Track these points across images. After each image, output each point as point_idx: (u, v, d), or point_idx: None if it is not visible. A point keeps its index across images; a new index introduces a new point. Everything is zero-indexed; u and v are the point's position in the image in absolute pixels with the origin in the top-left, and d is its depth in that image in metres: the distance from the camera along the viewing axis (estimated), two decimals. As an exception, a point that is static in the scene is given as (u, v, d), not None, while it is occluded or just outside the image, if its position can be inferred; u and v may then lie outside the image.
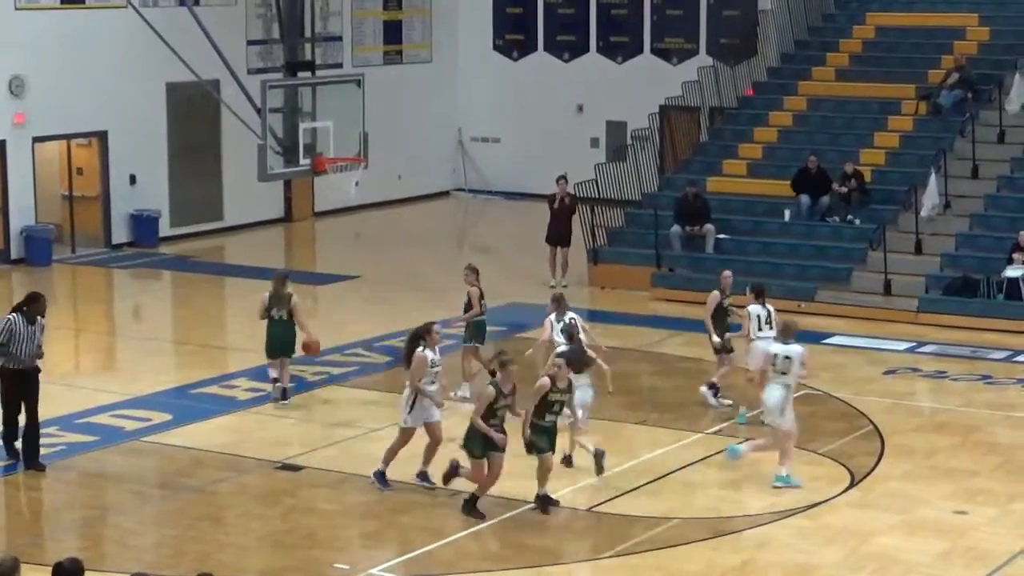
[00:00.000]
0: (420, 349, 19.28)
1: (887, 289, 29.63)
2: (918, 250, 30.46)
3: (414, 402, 19.25)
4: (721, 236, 31.82)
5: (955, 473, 20.00)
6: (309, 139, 26.43)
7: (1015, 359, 26.18)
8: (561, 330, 21.38)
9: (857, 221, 31.42)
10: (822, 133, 34.07)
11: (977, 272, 29.14)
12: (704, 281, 30.75)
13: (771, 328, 21.66)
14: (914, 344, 27.15)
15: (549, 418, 18.35)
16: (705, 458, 20.54)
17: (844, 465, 20.28)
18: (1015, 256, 28.71)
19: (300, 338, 23.29)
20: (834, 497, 19.08)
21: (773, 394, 19.32)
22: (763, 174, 33.39)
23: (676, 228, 31.85)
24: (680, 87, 37.95)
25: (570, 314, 21.70)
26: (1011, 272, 28.57)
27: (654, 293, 31.12)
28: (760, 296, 22.33)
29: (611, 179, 35.51)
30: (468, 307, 23.91)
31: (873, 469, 20.23)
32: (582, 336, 20.97)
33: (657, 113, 38.24)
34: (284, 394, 23.16)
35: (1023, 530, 17.85)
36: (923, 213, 30.69)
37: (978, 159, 32.16)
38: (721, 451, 20.39)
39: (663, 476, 19.87)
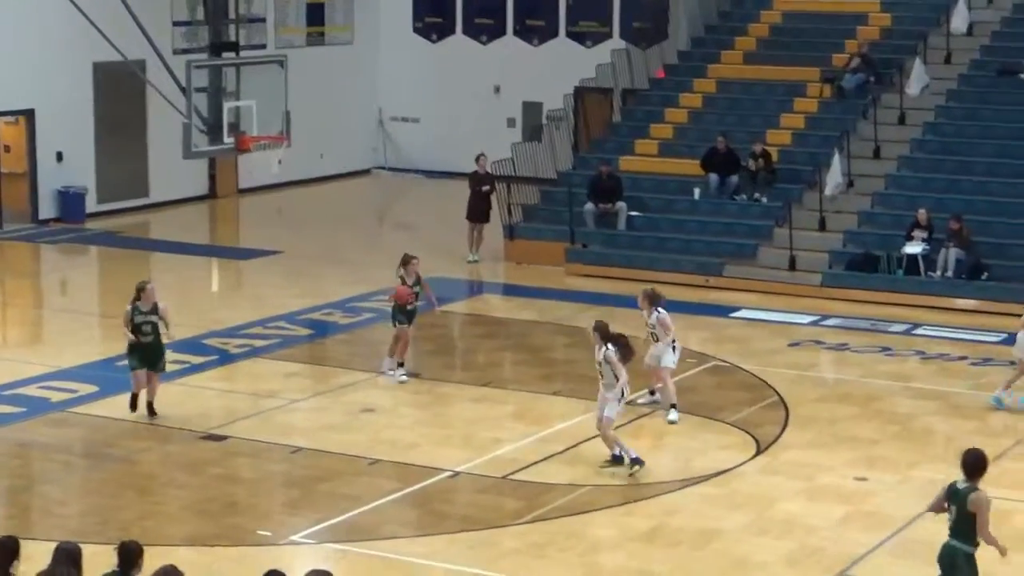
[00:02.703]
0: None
1: (792, 265, 29.79)
2: (822, 227, 30.63)
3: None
4: (633, 213, 31.89)
5: (856, 441, 20.16)
6: (233, 118, 26.27)
7: (914, 332, 26.40)
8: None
9: (764, 199, 31.57)
10: (731, 114, 34.18)
11: (878, 248, 29.34)
12: (616, 257, 30.98)
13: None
14: (818, 317, 27.32)
15: None
16: (617, 427, 20.56)
17: (750, 434, 20.40)
18: (914, 233, 28.94)
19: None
20: (741, 465, 19.20)
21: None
22: (674, 154, 33.47)
23: (589, 205, 31.88)
24: (594, 69, 37.98)
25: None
26: (910, 248, 28.80)
27: (568, 268, 31.14)
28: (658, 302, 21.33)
29: (527, 158, 35.54)
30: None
31: (778, 438, 20.36)
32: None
33: (572, 94, 38.26)
34: (150, 409, 20.69)
35: (921, 495, 17.92)
36: (827, 192, 30.87)
37: (880, 140, 32.37)
38: (632, 420, 20.46)
39: (576, 445, 19.90)
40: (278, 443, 19.80)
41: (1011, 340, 25.59)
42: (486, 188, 32.37)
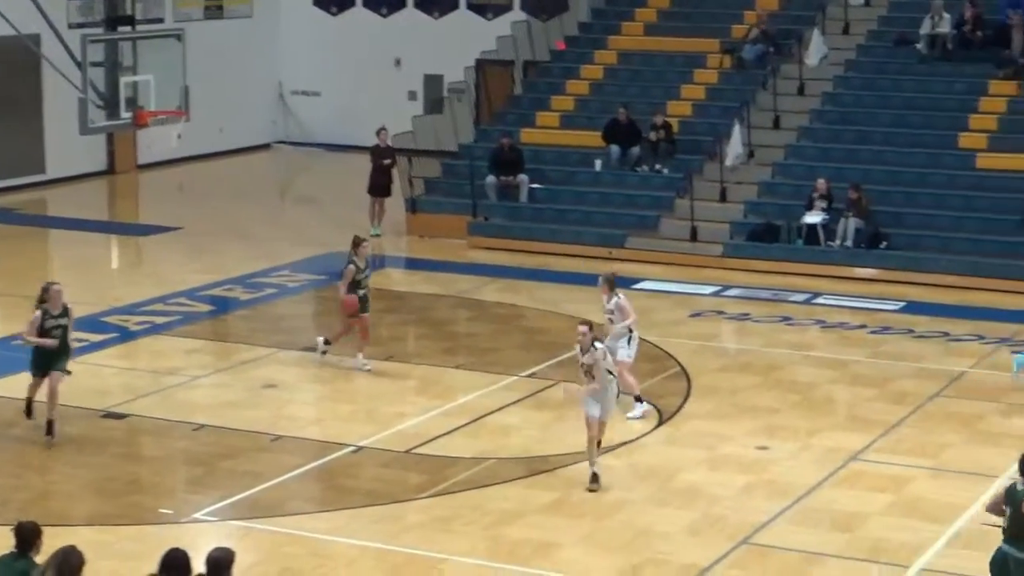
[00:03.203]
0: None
1: (693, 235, 29.95)
2: (723, 198, 30.81)
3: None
4: (535, 186, 31.93)
5: (757, 411, 20.31)
6: (130, 93, 26.08)
7: (814, 301, 26.62)
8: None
9: (665, 170, 31.70)
10: (632, 86, 34.27)
11: (778, 218, 29.55)
12: (518, 229, 31.01)
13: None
14: (719, 288, 27.48)
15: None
16: (519, 400, 20.64)
17: (653, 405, 20.48)
18: (814, 203, 29.17)
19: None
20: (643, 436, 19.30)
21: None
22: (575, 125, 33.53)
23: (491, 178, 31.89)
24: (495, 41, 37.95)
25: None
26: (810, 218, 29.04)
27: (470, 241, 31.14)
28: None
29: (428, 131, 35.47)
30: None
31: (680, 408, 20.47)
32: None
33: (473, 67, 38.24)
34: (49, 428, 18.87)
35: (821, 464, 18.18)
36: (727, 162, 31.04)
37: (779, 110, 32.59)
38: (535, 393, 20.53)
39: (479, 418, 19.94)
40: (180, 420, 19.69)
41: (910, 308, 26.02)
42: (387, 162, 32.29)
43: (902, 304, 26.40)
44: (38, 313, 18.72)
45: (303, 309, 26.56)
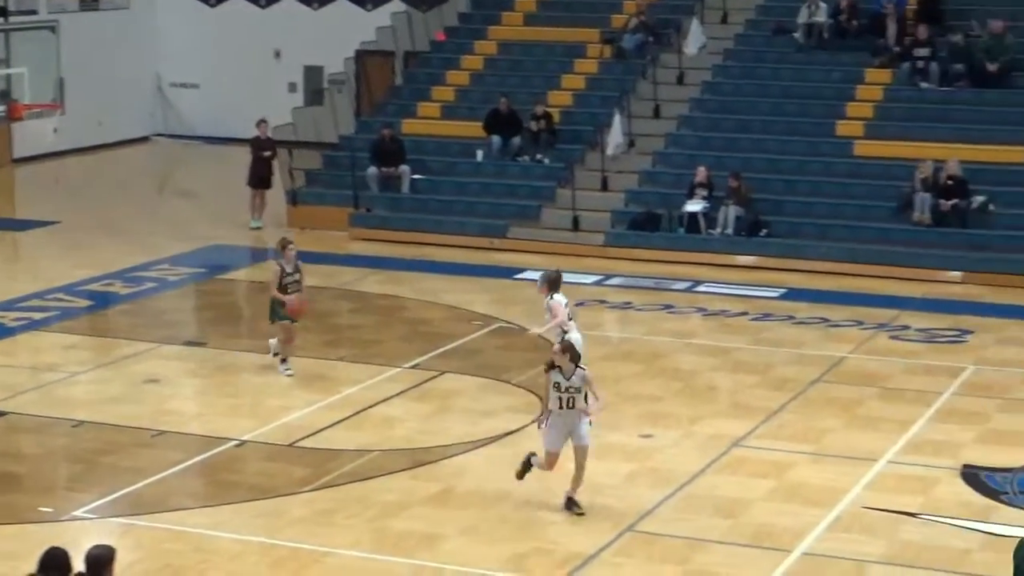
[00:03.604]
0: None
1: (575, 225, 30.03)
2: (604, 187, 30.93)
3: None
4: (416, 176, 31.88)
5: (641, 399, 20.40)
6: (4, 85, 25.73)
7: (695, 289, 26.80)
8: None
9: (546, 160, 31.77)
10: (512, 76, 34.30)
11: (660, 207, 29.71)
12: (400, 220, 30.95)
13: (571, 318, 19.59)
14: (601, 277, 27.58)
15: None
16: (403, 392, 20.58)
17: (536, 394, 20.42)
18: (694, 191, 29.36)
19: None
20: (527, 426, 19.28)
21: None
22: (456, 116, 33.51)
23: (372, 169, 31.79)
24: (375, 32, 37.84)
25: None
26: (691, 207, 29.22)
27: (352, 233, 31.02)
28: (557, 286, 19.67)
29: (309, 123, 35.32)
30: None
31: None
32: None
33: (353, 58, 38.10)
34: None
35: (704, 451, 18.28)
36: (608, 152, 31.16)
37: (659, 100, 32.76)
38: (418, 384, 20.48)
39: (363, 410, 19.87)
40: (60, 417, 19.43)
41: (790, 295, 26.26)
42: (268, 154, 32.11)
43: (782, 291, 26.64)
44: None
45: (183, 303, 26.33)
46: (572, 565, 14.89)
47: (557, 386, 16.24)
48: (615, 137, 31.27)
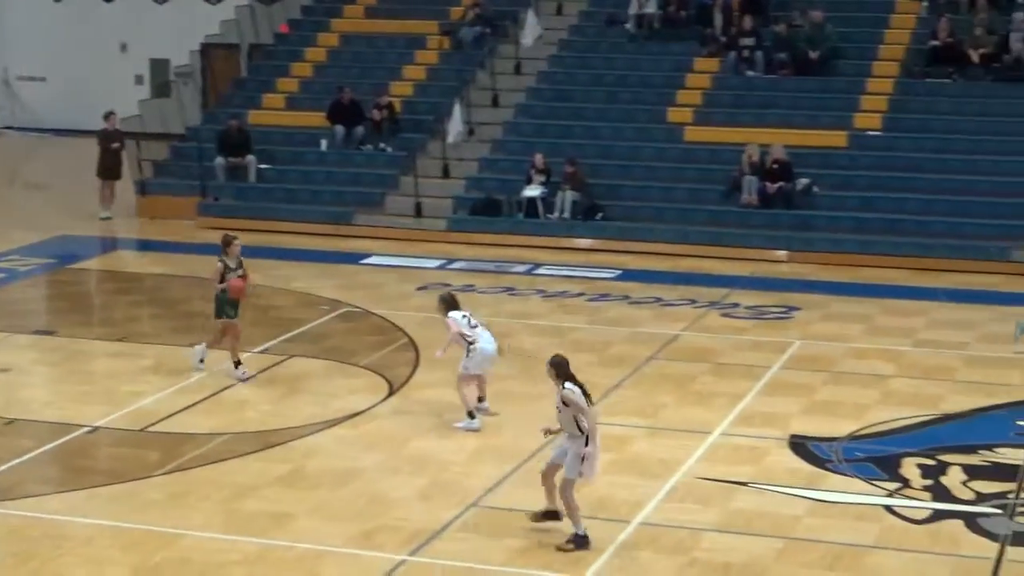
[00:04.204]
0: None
1: (418, 211, 30.01)
2: (445, 174, 30.93)
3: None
4: (263, 166, 31.67)
5: (493, 378, 20.36)
6: None
7: (535, 272, 26.92)
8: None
9: (389, 149, 31.72)
10: (354, 67, 34.17)
11: (499, 193, 29.80)
12: (247, 209, 30.72)
13: (481, 326, 18.76)
14: (444, 261, 27.59)
15: None
16: (253, 376, 20.42)
17: (382, 376, 20.49)
18: (532, 177, 29.46)
19: None
20: (374, 406, 19.27)
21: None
22: (300, 107, 33.31)
23: (219, 159, 31.52)
24: (220, 25, 37.51)
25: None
26: (529, 192, 29.33)
27: (200, 222, 30.71)
28: (454, 305, 18.85)
29: (156, 114, 34.92)
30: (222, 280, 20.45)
31: (409, 379, 20.49)
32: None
33: (198, 51, 37.73)
34: None
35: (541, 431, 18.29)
36: (449, 140, 31.17)
37: (498, 89, 32.83)
38: (267, 368, 20.33)
39: (214, 394, 19.68)
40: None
41: (626, 276, 26.46)
42: (116, 145, 31.71)
43: (618, 272, 26.84)
44: None
45: (34, 293, 25.88)
46: (418, 541, 14.89)
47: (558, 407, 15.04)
48: (455, 126, 31.28)
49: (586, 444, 14.65)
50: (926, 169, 29.05)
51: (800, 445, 17.75)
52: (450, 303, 18.74)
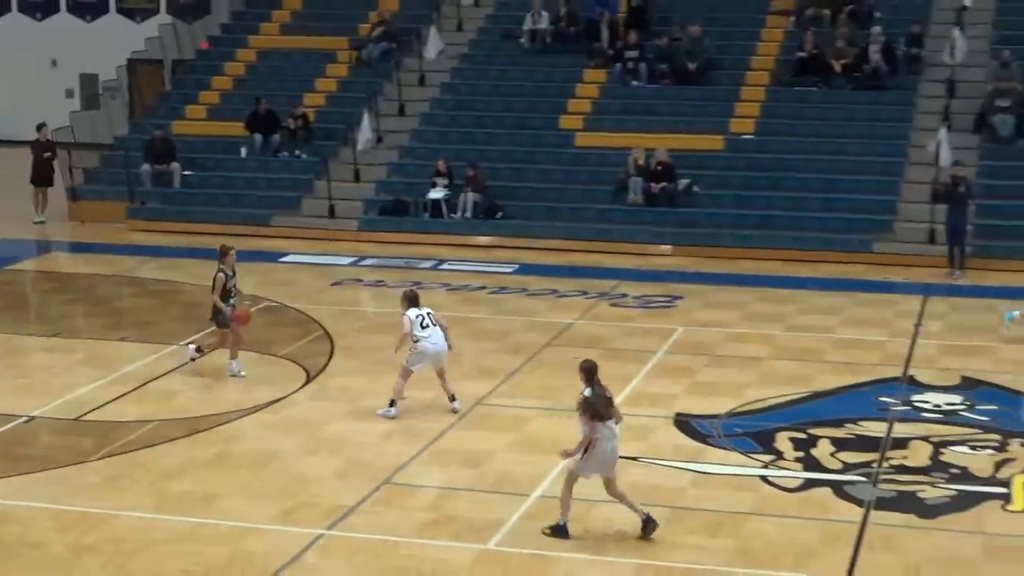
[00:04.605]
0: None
1: (331, 213, 29.91)
2: (356, 178, 30.83)
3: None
4: (186, 172, 31.42)
5: (394, 366, 20.27)
6: None
7: (440, 267, 26.91)
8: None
9: (303, 155, 31.58)
10: (271, 80, 33.97)
11: (406, 195, 29.77)
12: (173, 212, 30.50)
13: (433, 325, 18.24)
14: (356, 259, 27.51)
15: None
16: (180, 366, 20.27)
17: (300, 365, 20.40)
18: (436, 180, 29.45)
19: None
20: (293, 393, 19.18)
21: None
22: (221, 117, 33.08)
23: (146, 167, 31.25)
24: (144, 42, 37.17)
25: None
26: (434, 194, 29.33)
27: (129, 225, 30.47)
28: (416, 301, 18.45)
29: (86, 125, 34.57)
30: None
31: (325, 367, 20.42)
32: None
33: (125, 66, 37.36)
34: None
35: (450, 409, 18.33)
36: (359, 147, 31.09)
37: (404, 100, 32.77)
38: (194, 360, 20.18)
39: (143, 384, 19.51)
40: None
41: (523, 270, 26.51)
42: (48, 155, 31.40)
43: (516, 267, 26.90)
44: None
45: (-27, 293, 25.57)
46: (335, 516, 14.85)
47: None
48: (365, 133, 31.20)
49: (586, 447, 14.18)
50: (795, 169, 29.33)
51: (684, 423, 17.87)
52: (411, 300, 18.37)
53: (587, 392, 14.37)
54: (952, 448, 16.91)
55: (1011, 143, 29.28)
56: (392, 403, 18.22)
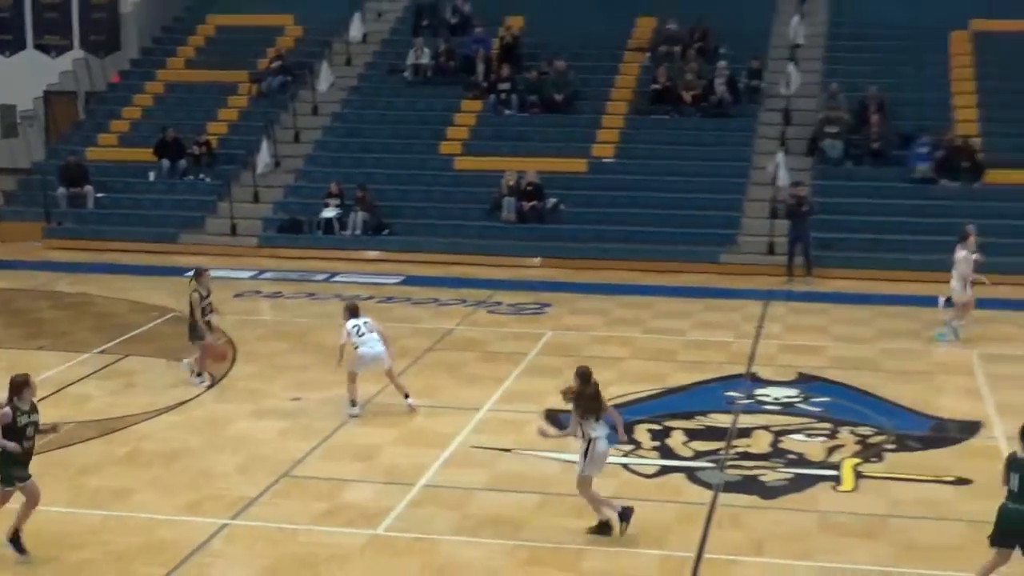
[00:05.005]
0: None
1: (233, 231, 29.65)
2: (256, 199, 30.61)
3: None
4: (99, 195, 30.99)
5: (291, 369, 20.26)
6: None
7: (333, 280, 26.78)
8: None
9: (207, 179, 31.27)
10: (177, 110, 33.59)
11: (301, 214, 29.59)
12: (87, 231, 30.07)
13: (371, 332, 18.00)
14: (256, 272, 27.30)
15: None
16: (94, 372, 19.98)
17: (205, 369, 20.15)
18: (329, 201, 29.33)
19: None
20: (199, 396, 18.99)
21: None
22: (131, 144, 32.65)
23: (61, 190, 30.77)
24: (59, 76, 36.59)
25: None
26: (326, 213, 29.21)
27: (46, 243, 30.00)
28: (355, 312, 18.30)
29: (5, 152, 33.94)
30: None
31: (228, 372, 20.19)
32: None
33: (42, 97, 36.74)
34: None
35: (344, 409, 18.26)
36: (259, 171, 30.88)
37: (299, 128, 32.58)
38: (106, 366, 19.89)
39: (60, 389, 19.20)
40: None
41: (408, 281, 26.48)
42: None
43: (402, 278, 26.85)
44: (7, 408, 13.52)
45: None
46: (238, 507, 14.73)
47: None
48: (263, 158, 31.01)
49: (587, 446, 13.93)
50: (650, 189, 29.59)
51: (553, 417, 17.93)
52: (351, 311, 18.23)
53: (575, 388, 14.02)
54: (790, 436, 17.17)
55: (839, 165, 29.81)
56: (353, 403, 18.01)
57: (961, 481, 15.69)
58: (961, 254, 21.59)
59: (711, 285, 26.37)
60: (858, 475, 15.85)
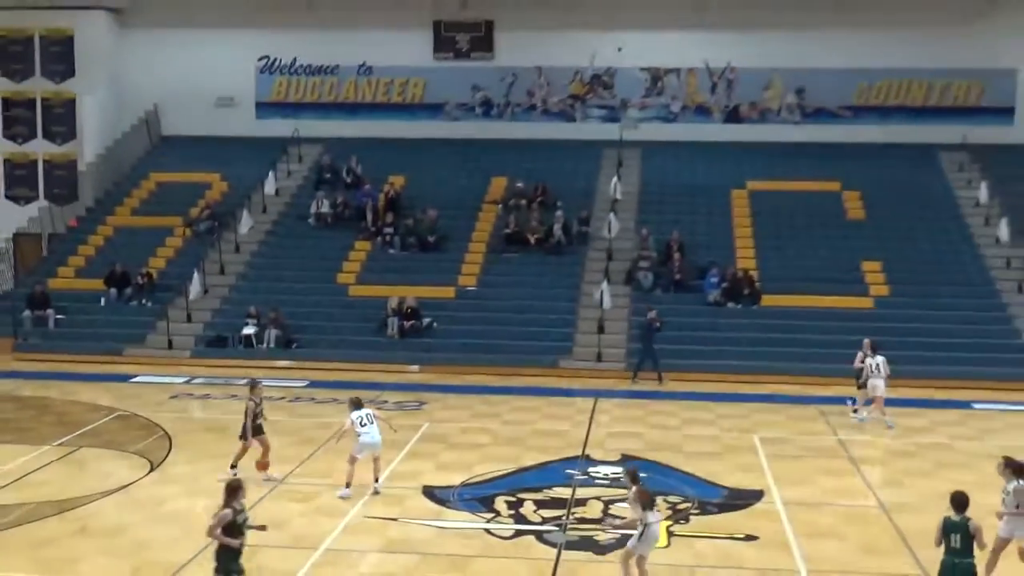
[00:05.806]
0: None
1: (170, 345, 28.93)
2: (189, 320, 29.94)
3: None
4: (59, 317, 30.10)
5: (222, 455, 19.63)
6: None
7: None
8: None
9: (149, 303, 30.59)
10: (124, 249, 32.86)
11: (226, 332, 29.06)
12: (48, 346, 29.20)
13: (371, 423, 17.50)
14: (189, 378, 26.65)
15: None
16: (52, 462, 19.21)
17: (146, 458, 19.57)
18: (248, 320, 28.87)
19: None
20: (140, 479, 18.36)
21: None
22: (87, 275, 31.84)
23: (27, 312, 29.84)
24: (27, 221, 35.72)
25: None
26: (246, 331, 28.72)
27: (15, 356, 28.97)
28: (359, 405, 17.79)
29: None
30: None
31: (165, 459, 19.62)
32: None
33: (11, 238, 35.78)
34: None
35: (261, 486, 17.76)
36: (191, 297, 30.30)
37: (224, 262, 32.05)
38: (63, 456, 19.14)
39: (23, 476, 18.41)
40: None
41: (313, 385, 26.06)
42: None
43: (307, 382, 26.43)
44: (227, 510, 12.69)
45: None
46: (173, 570, 14.24)
47: None
48: (195, 287, 30.47)
49: (642, 529, 13.66)
50: (504, 310, 29.69)
51: (430, 492, 17.74)
52: (355, 404, 17.71)
53: (637, 487, 13.86)
54: (617, 504, 17.16)
55: (650, 292, 30.27)
56: (348, 485, 17.38)
57: (750, 537, 15.80)
58: (880, 359, 21.96)
59: (552, 385, 26.43)
60: (671, 534, 15.88)
